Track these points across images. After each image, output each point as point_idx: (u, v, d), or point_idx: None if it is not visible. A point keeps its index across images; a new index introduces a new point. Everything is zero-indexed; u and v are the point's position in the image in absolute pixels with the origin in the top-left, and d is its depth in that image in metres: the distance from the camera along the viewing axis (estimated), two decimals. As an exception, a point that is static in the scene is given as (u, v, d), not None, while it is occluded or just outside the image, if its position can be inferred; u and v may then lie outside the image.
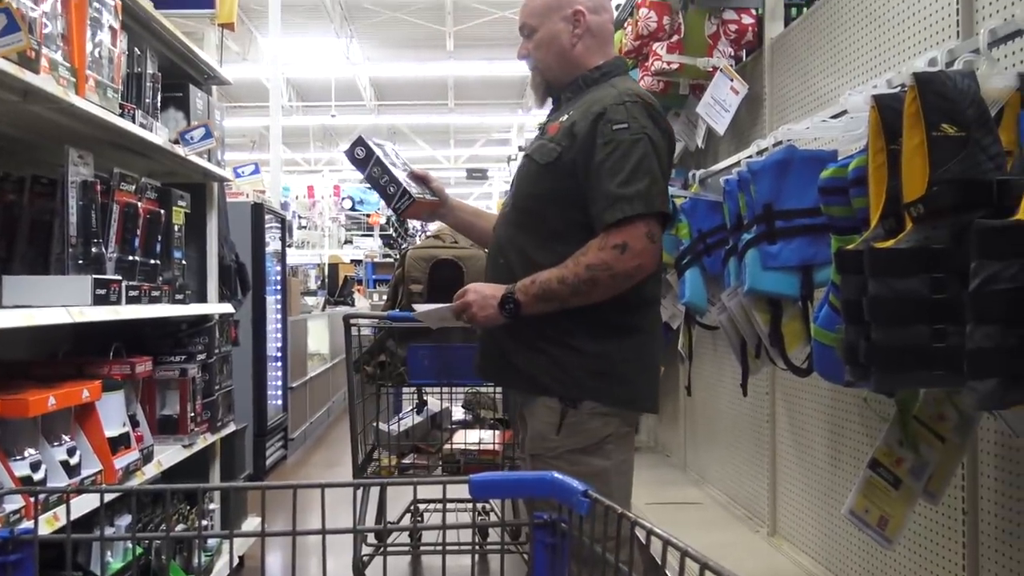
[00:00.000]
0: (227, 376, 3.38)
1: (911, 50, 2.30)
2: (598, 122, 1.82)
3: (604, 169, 1.79)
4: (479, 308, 1.86)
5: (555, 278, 1.79)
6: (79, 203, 2.28)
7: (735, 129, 3.43)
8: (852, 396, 2.59)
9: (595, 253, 1.77)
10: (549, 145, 1.90)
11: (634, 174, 1.77)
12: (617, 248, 1.76)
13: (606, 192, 1.78)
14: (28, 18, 1.88)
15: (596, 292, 1.79)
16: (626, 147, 1.79)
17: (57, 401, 2.05)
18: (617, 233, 1.76)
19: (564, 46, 1.98)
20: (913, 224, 1.49)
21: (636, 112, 1.83)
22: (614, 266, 1.77)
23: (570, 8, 1.97)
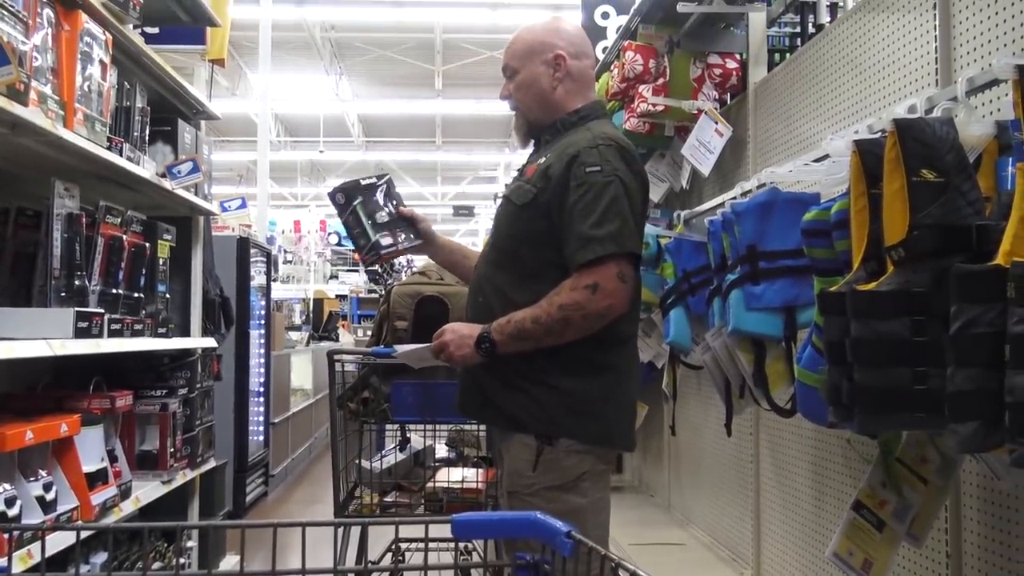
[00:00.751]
0: (208, 411, 3.35)
1: (891, 97, 2.34)
2: (572, 165, 1.85)
3: (576, 211, 1.82)
4: (456, 348, 1.88)
5: (529, 318, 1.81)
6: (64, 235, 2.27)
7: (719, 171, 3.47)
8: (835, 437, 2.59)
9: (568, 293, 1.79)
10: (526, 187, 1.93)
11: (605, 215, 1.80)
12: (589, 288, 1.78)
13: (578, 233, 1.81)
14: (18, 51, 1.89)
15: (569, 332, 1.81)
16: (598, 189, 1.82)
17: (35, 435, 2.02)
18: (589, 273, 1.78)
19: (544, 89, 2.01)
20: (894, 267, 1.50)
21: (609, 155, 1.85)
22: (586, 306, 1.78)
23: (551, 52, 2.00)
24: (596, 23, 5.55)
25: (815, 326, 1.83)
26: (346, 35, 11.78)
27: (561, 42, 2.02)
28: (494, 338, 1.84)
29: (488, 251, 2.02)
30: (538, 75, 2.01)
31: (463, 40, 11.68)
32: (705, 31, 3.49)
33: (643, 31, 3.61)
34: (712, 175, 3.44)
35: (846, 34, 2.62)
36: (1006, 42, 1.88)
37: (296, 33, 10.98)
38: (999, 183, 1.55)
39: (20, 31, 1.93)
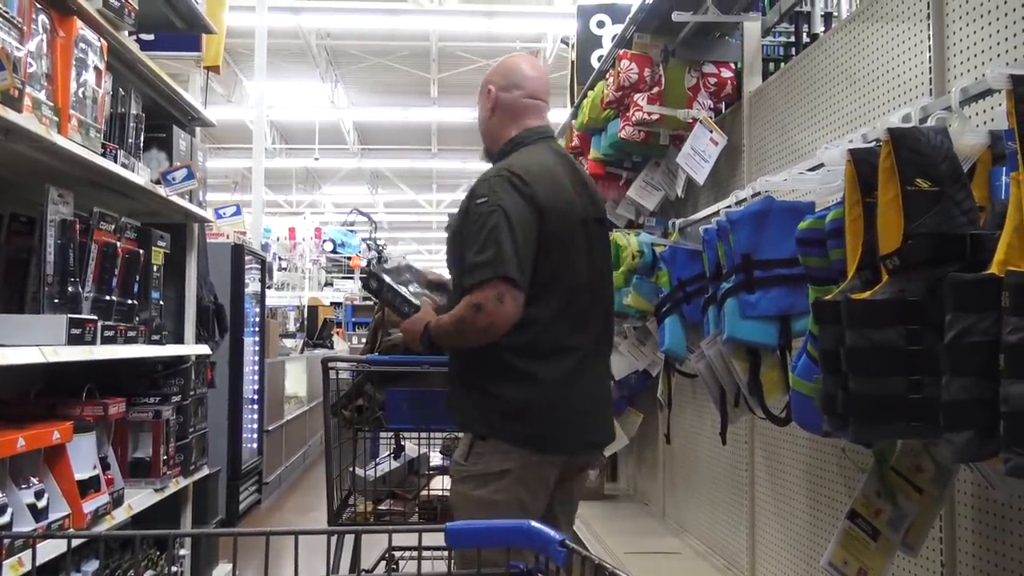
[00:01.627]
0: (202, 418, 3.34)
1: (885, 106, 2.35)
2: (469, 198, 2.08)
3: (467, 240, 2.04)
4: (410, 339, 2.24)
5: (444, 324, 2.09)
6: (57, 242, 2.26)
7: (714, 179, 3.48)
8: (830, 446, 2.59)
9: (461, 309, 2.03)
10: (451, 218, 2.21)
11: (485, 243, 1.99)
12: (473, 307, 2.00)
13: (466, 260, 2.03)
14: (13, 57, 1.89)
15: (464, 340, 2.08)
16: (483, 219, 2.01)
17: (26, 442, 2.01)
18: (475, 295, 1.99)
19: (482, 119, 2.27)
20: (889, 276, 1.51)
21: (496, 186, 2.04)
22: (471, 323, 2.01)
23: (486, 87, 2.24)
24: (592, 32, 5.57)
25: (810, 335, 1.83)
26: (341, 43, 11.79)
27: (495, 77, 2.23)
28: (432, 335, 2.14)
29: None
30: (481, 107, 2.26)
31: (458, 48, 11.70)
32: (700, 40, 3.50)
33: (638, 40, 3.62)
34: (707, 184, 3.45)
35: (840, 44, 2.63)
36: (999, 52, 1.89)
37: (292, 40, 10.99)
38: (993, 192, 1.55)
39: (15, 37, 1.93)
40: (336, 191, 19.51)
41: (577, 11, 5.85)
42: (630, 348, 4.01)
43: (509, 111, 2.20)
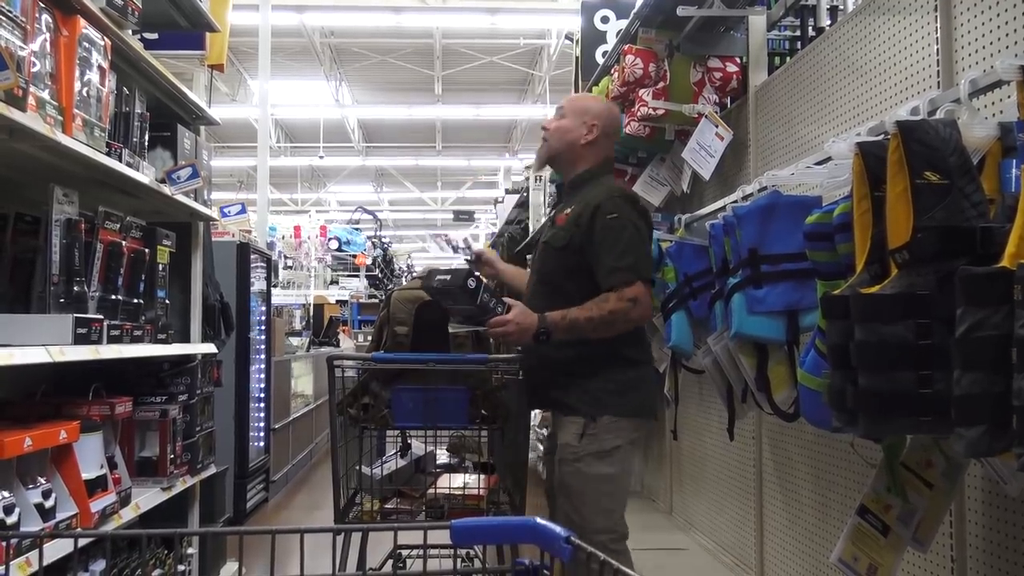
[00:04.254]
0: (208, 417, 3.33)
1: (892, 99, 2.33)
2: (596, 214, 2.39)
3: (603, 248, 2.37)
4: (518, 335, 2.37)
5: (583, 317, 2.34)
6: (63, 241, 2.26)
7: (720, 174, 3.46)
8: (839, 441, 2.58)
9: (615, 303, 2.33)
10: (561, 233, 2.49)
11: (625, 251, 2.35)
12: (631, 301, 2.33)
13: (606, 264, 2.36)
14: (17, 56, 1.89)
15: (608, 330, 2.36)
16: (618, 232, 2.37)
17: (34, 442, 2.01)
18: (628, 290, 2.33)
19: (574, 140, 2.58)
20: (898, 270, 1.49)
21: (622, 205, 2.42)
22: (628, 314, 2.34)
23: (593, 121, 2.58)
24: (596, 27, 5.55)
25: (818, 330, 1.82)
26: (346, 41, 11.79)
27: (604, 119, 2.58)
28: (551, 331, 2.36)
29: (536, 286, 2.58)
30: (577, 127, 2.58)
31: (462, 46, 11.69)
32: (705, 35, 3.48)
33: (643, 35, 3.60)
34: (713, 179, 3.43)
35: (846, 37, 2.62)
36: (1008, 44, 1.87)
37: (296, 39, 10.99)
38: (1003, 185, 1.54)
39: (18, 36, 1.92)
40: (341, 189, 19.53)
41: (581, 7, 5.83)
42: (636, 344, 3.99)
43: (601, 149, 2.60)
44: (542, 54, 12.27)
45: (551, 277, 2.52)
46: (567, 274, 2.47)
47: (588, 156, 2.57)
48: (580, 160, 2.58)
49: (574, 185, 2.60)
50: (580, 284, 2.42)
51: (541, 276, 2.58)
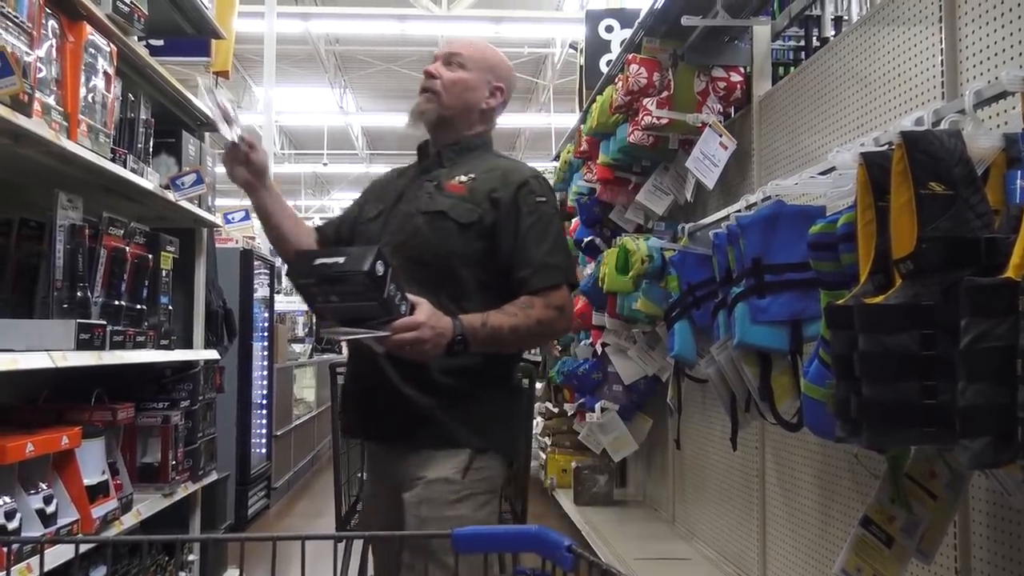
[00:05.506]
0: (211, 423, 3.34)
1: (896, 110, 2.33)
2: (520, 191, 1.94)
3: (529, 237, 1.91)
4: (433, 346, 1.75)
5: (507, 326, 1.84)
6: (66, 247, 2.27)
7: (724, 184, 3.47)
8: (843, 451, 2.57)
9: (542, 310, 1.89)
10: (463, 205, 1.94)
11: (556, 246, 1.94)
12: (557, 309, 1.90)
13: (533, 259, 1.90)
14: (22, 62, 1.89)
15: (530, 343, 2.08)
16: (548, 219, 1.94)
17: (35, 448, 2.01)
18: (554, 295, 1.90)
19: (474, 103, 2.08)
20: (903, 280, 1.49)
21: (547, 189, 2.01)
22: (554, 324, 1.91)
23: (499, 83, 2.10)
24: (600, 36, 5.57)
25: (822, 340, 1.82)
26: (350, 48, 11.82)
27: (507, 84, 2.13)
28: (468, 340, 1.79)
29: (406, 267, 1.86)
30: (479, 87, 2.07)
31: (467, 53, 11.71)
32: (709, 44, 3.49)
33: (647, 44, 3.61)
34: (716, 188, 3.43)
35: (851, 47, 2.62)
36: (1013, 55, 1.87)
37: (300, 47, 11.03)
38: (1007, 196, 1.53)
39: (24, 42, 1.93)
40: (345, 196, 19.55)
41: (585, 16, 5.85)
42: (639, 353, 4.00)
43: (494, 115, 2.14)
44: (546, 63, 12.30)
45: (439, 259, 1.91)
46: (464, 259, 1.91)
47: (482, 122, 2.09)
48: (473, 125, 2.08)
49: (457, 150, 2.06)
50: (476, 276, 1.91)
51: (420, 255, 1.92)
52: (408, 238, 1.96)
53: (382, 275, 1.60)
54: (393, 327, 1.67)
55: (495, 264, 1.91)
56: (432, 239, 1.93)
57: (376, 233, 2.01)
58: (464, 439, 1.88)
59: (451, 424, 1.88)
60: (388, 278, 1.62)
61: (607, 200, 4.36)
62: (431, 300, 1.78)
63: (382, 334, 1.67)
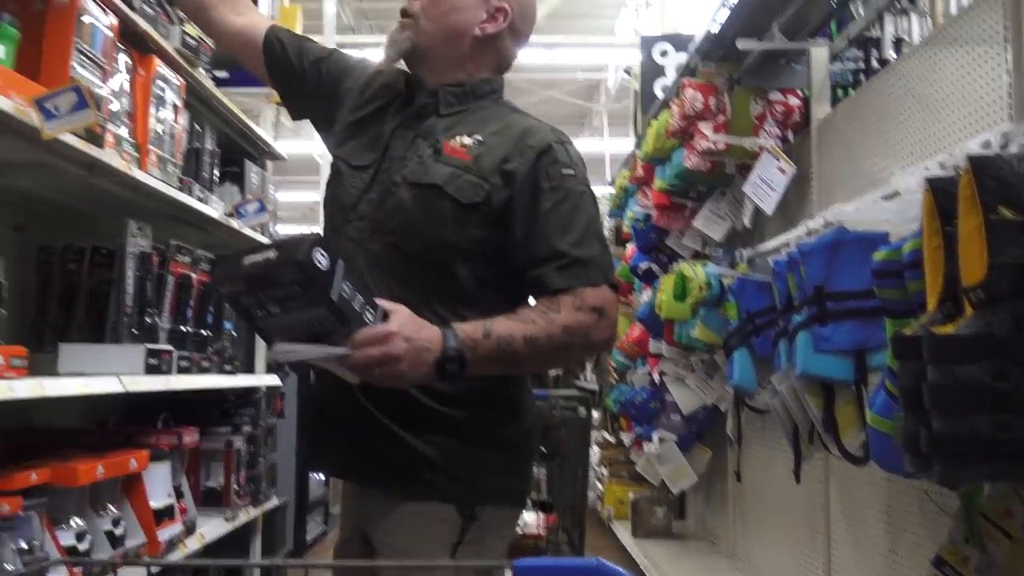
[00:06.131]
0: (271, 449, 3.39)
1: (961, 132, 2.28)
2: (540, 160, 1.46)
3: (552, 220, 1.43)
4: (411, 366, 1.28)
5: (521, 335, 1.35)
6: (136, 274, 2.34)
7: (782, 209, 3.42)
8: (911, 487, 2.49)
9: (571, 313, 1.39)
10: (467, 178, 1.45)
11: (587, 233, 1.45)
12: (596, 312, 1.40)
13: (555, 249, 1.42)
14: (97, 96, 1.97)
15: (559, 361, 1.61)
16: (575, 199, 1.45)
17: (105, 470, 2.06)
18: (588, 294, 1.41)
19: (465, 26, 1.54)
20: (973, 309, 1.45)
21: (576, 158, 1.50)
22: (591, 333, 1.41)
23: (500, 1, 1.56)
24: (655, 61, 5.57)
25: (888, 370, 1.77)
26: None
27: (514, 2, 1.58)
28: (466, 357, 1.32)
29: (382, 253, 1.46)
30: (471, 6, 1.55)
31: (521, 80, 11.80)
32: (766, 68, 3.46)
33: (703, 69, 3.59)
34: (775, 213, 3.39)
35: (912, 69, 2.57)
36: (1086, 76, 1.82)
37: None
38: (1083, 222, 1.48)
39: (98, 76, 2.01)
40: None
41: (640, 41, 5.86)
42: (698, 382, 3.94)
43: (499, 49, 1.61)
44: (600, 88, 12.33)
45: (429, 250, 1.45)
46: (464, 252, 1.45)
47: (482, 57, 1.57)
48: (468, 61, 1.56)
49: (459, 94, 1.56)
50: (480, 272, 1.46)
51: (407, 244, 1.46)
52: (387, 217, 1.48)
53: (325, 270, 1.19)
54: (353, 341, 1.23)
55: (505, 259, 1.46)
56: (421, 222, 1.45)
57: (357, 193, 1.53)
58: (455, 491, 1.42)
59: (438, 469, 1.43)
60: (336, 274, 1.21)
61: (663, 226, 4.33)
62: (417, 307, 1.35)
63: (339, 351, 1.24)
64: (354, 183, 1.55)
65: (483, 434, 1.47)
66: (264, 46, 1.68)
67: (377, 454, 1.45)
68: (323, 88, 1.67)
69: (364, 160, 1.56)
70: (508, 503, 1.52)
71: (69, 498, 2.02)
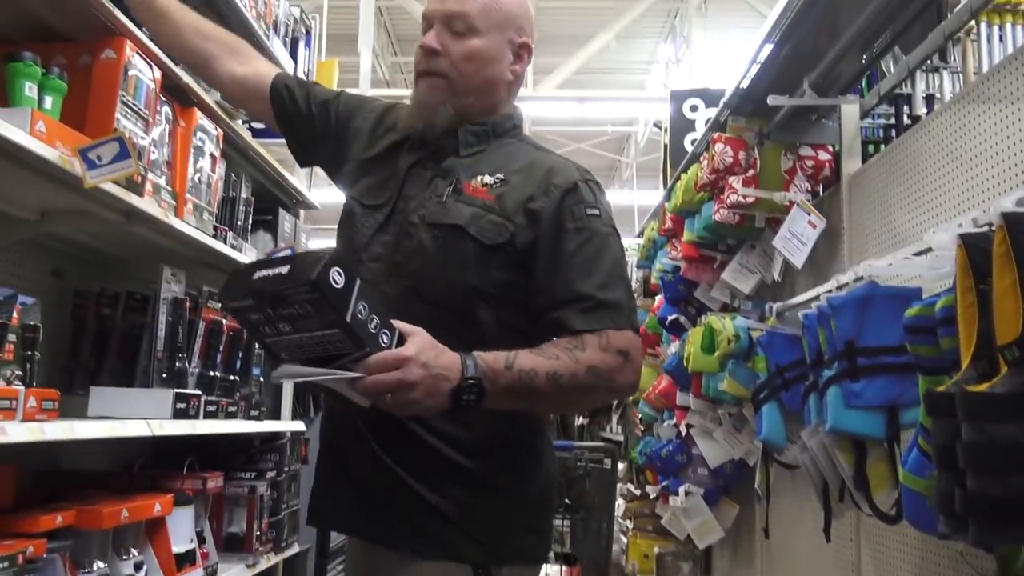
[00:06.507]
0: (294, 495, 3.38)
1: (994, 189, 2.27)
2: (566, 199, 1.43)
3: (576, 262, 1.39)
4: (426, 394, 1.22)
5: (544, 371, 1.30)
6: (168, 319, 2.37)
7: (813, 263, 3.40)
8: (946, 548, 2.42)
9: (597, 353, 1.34)
10: (490, 218, 1.40)
11: (612, 277, 1.41)
12: (621, 355, 1.36)
13: (578, 292, 1.38)
14: (138, 146, 2.02)
15: (580, 403, 1.51)
16: (600, 240, 1.42)
17: (130, 514, 2.07)
18: (614, 337, 1.37)
19: (500, 76, 1.52)
20: (1008, 368, 1.42)
21: (602, 198, 1.47)
22: (616, 376, 1.36)
23: (521, 37, 1.53)
24: (685, 116, 5.61)
25: (921, 428, 1.74)
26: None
27: (530, 32, 1.54)
28: (485, 387, 1.26)
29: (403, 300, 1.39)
30: (501, 54, 1.50)
31: (551, 132, 11.95)
32: (796, 123, 3.47)
33: (733, 123, 3.62)
34: (805, 267, 3.37)
35: (945, 125, 2.57)
36: (1121, 134, 1.80)
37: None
38: (1120, 280, 1.46)
39: (141, 127, 2.07)
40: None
41: (670, 95, 5.91)
42: (725, 436, 3.89)
43: (520, 82, 1.58)
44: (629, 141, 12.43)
45: (450, 295, 1.41)
46: (487, 296, 1.41)
47: (509, 97, 1.57)
48: (500, 104, 1.55)
49: (480, 134, 1.52)
50: (504, 316, 1.42)
51: (429, 288, 1.42)
52: (406, 259, 1.43)
53: (341, 287, 1.13)
54: (366, 365, 1.18)
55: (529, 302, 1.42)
56: (442, 265, 1.41)
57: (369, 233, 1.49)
58: (471, 550, 1.36)
59: (453, 523, 1.37)
60: (354, 294, 1.15)
61: (692, 278, 4.32)
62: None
63: (352, 375, 1.18)
64: (366, 223, 1.51)
65: (502, 487, 1.41)
66: (271, 94, 1.69)
67: (387, 507, 1.38)
68: (331, 129, 1.67)
69: (377, 199, 1.52)
70: (527, 562, 1.45)
71: (93, 541, 2.02)
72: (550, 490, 1.51)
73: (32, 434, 1.61)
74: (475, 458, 1.39)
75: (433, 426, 1.38)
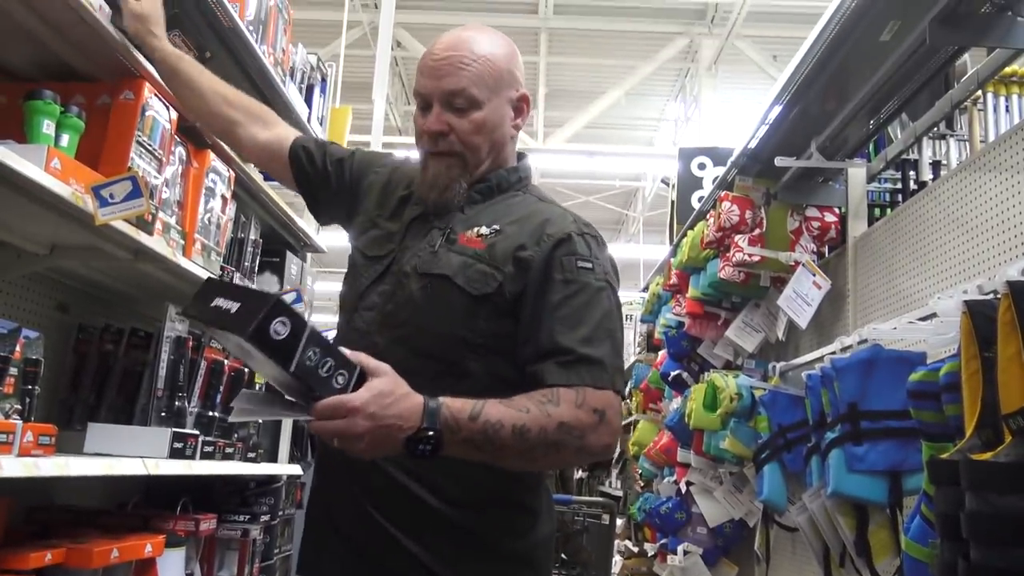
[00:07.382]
0: (288, 540, 3.33)
1: (999, 257, 2.27)
2: (556, 250, 1.41)
3: (560, 314, 1.36)
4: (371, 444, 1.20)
5: (510, 424, 1.26)
6: (170, 358, 2.37)
7: (817, 323, 3.39)
8: (948, 619, 2.37)
9: (571, 409, 1.30)
10: (478, 267, 1.39)
11: (598, 333, 1.36)
12: (597, 414, 1.31)
13: (559, 345, 1.34)
14: (151, 185, 2.04)
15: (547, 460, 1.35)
16: (590, 294, 1.38)
17: (120, 554, 2.04)
18: (592, 394, 1.32)
19: (505, 135, 1.53)
20: (1013, 437, 1.41)
21: (598, 252, 1.44)
22: (588, 436, 1.31)
23: (517, 91, 1.52)
24: (692, 173, 5.66)
25: (924, 494, 1.72)
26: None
27: (522, 75, 1.55)
28: (443, 437, 1.23)
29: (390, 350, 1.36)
30: (504, 115, 1.51)
31: (560, 185, 12.05)
32: (803, 184, 3.50)
33: (740, 183, 3.65)
34: (809, 328, 3.36)
35: (951, 192, 2.59)
36: (1126, 206, 1.81)
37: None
38: None
39: (154, 167, 2.09)
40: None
41: (678, 153, 5.98)
42: (726, 495, 3.85)
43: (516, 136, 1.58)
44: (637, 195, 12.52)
45: (446, 348, 1.40)
46: (476, 347, 1.39)
47: (513, 149, 1.58)
48: (506, 159, 1.56)
49: (484, 190, 1.54)
50: (494, 368, 1.40)
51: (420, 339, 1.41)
52: (397, 309, 1.43)
53: (284, 338, 1.11)
54: (316, 409, 1.17)
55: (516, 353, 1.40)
56: (430, 315, 1.39)
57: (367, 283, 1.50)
58: None
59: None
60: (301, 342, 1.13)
61: (696, 334, 4.32)
62: None
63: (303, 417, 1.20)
64: (367, 273, 1.53)
65: (492, 543, 1.38)
66: (290, 156, 1.74)
67: (377, 563, 1.36)
68: (345, 185, 1.72)
69: (380, 251, 1.55)
70: None
71: (82, 580, 1.99)
72: (545, 547, 1.48)
73: (27, 469, 1.60)
74: (468, 514, 1.37)
75: (425, 478, 1.36)
